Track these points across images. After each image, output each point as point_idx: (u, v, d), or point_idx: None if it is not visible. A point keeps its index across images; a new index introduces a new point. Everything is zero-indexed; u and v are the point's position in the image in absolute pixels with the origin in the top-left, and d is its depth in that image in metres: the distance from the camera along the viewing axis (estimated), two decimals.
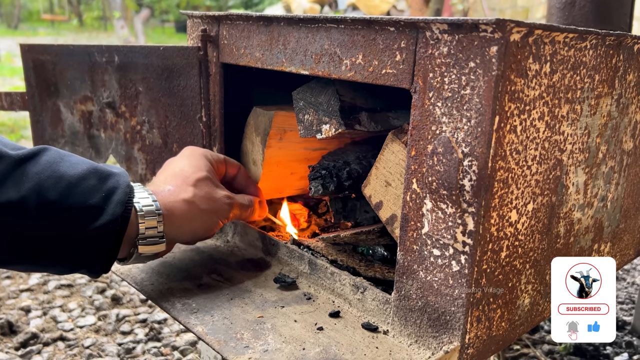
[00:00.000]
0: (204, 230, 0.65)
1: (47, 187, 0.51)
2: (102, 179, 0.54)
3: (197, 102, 0.78)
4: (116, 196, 0.54)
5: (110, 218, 0.53)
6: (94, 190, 0.53)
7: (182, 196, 0.61)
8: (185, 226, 0.62)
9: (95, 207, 0.52)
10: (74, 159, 0.55)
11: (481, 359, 0.56)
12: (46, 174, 0.51)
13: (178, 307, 0.62)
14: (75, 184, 0.52)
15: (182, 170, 0.65)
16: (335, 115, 0.67)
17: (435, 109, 0.50)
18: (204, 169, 0.66)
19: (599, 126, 0.63)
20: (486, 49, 0.45)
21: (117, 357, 1.19)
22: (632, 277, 1.64)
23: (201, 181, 0.64)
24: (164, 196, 0.60)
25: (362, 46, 0.56)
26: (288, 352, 0.54)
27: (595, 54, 0.58)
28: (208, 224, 0.64)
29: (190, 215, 0.62)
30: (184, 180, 0.63)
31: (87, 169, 0.54)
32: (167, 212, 0.59)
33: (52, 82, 0.98)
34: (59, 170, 0.52)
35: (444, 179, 0.49)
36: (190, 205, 0.61)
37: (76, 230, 0.52)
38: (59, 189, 0.51)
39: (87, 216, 0.52)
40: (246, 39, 0.70)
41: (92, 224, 0.52)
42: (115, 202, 0.54)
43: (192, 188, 0.63)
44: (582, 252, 0.69)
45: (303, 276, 0.69)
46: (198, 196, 0.62)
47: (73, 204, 0.51)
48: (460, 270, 0.51)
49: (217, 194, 0.65)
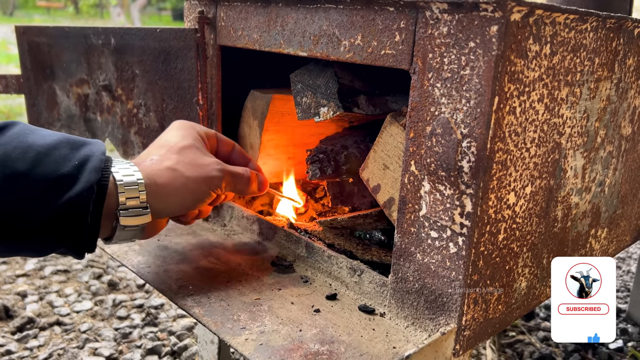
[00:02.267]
0: (193, 199, 0.60)
1: (13, 157, 0.47)
2: (75, 147, 0.51)
3: (194, 85, 0.77)
4: (90, 163, 0.50)
5: (85, 186, 0.49)
6: (65, 159, 0.49)
7: (165, 164, 0.58)
8: (171, 196, 0.57)
9: (68, 175, 0.49)
10: (45, 132, 0.52)
11: (478, 341, 0.56)
12: (13, 144, 0.48)
13: (175, 289, 0.62)
14: (45, 153, 0.49)
15: (167, 140, 0.61)
16: (334, 97, 0.66)
17: (435, 90, 0.50)
18: (189, 137, 0.62)
19: (598, 110, 0.63)
20: (486, 28, 0.45)
21: (114, 341, 1.20)
22: (627, 266, 1.65)
23: (186, 148, 0.60)
24: (146, 166, 0.57)
25: (361, 27, 0.55)
26: (285, 333, 0.54)
27: (595, 37, 0.57)
28: (196, 193, 0.59)
29: (175, 183, 0.57)
30: (169, 149, 0.60)
31: (58, 138, 0.51)
32: (150, 180, 0.55)
33: (48, 65, 0.97)
34: (27, 141, 0.49)
35: (442, 160, 0.49)
36: (175, 173, 0.57)
37: (48, 201, 0.48)
38: (27, 159, 0.48)
39: (59, 186, 0.48)
40: (244, 21, 0.69)
41: (66, 194, 0.48)
42: (90, 169, 0.50)
43: (175, 156, 0.59)
44: (579, 236, 0.69)
45: (300, 259, 0.69)
46: (182, 163, 0.58)
47: (43, 173, 0.48)
48: (457, 252, 0.51)
49: (205, 161, 0.61)
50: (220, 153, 0.68)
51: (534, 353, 1.18)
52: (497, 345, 1.21)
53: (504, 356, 1.18)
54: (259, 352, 0.51)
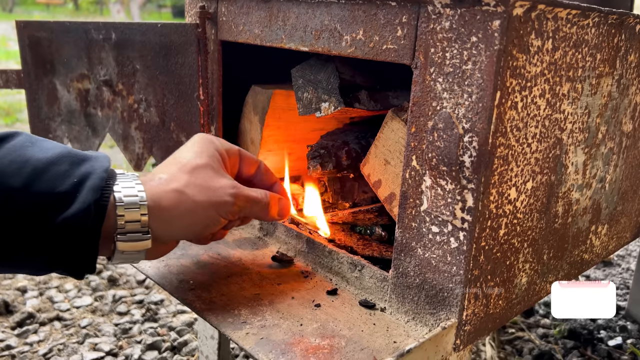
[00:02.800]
0: (200, 226, 0.55)
1: (8, 172, 0.44)
2: (75, 163, 0.48)
3: (195, 81, 0.77)
4: (89, 182, 0.47)
5: (82, 206, 0.45)
6: (64, 176, 0.46)
7: (172, 185, 0.52)
8: (175, 221, 0.52)
9: (64, 194, 0.45)
10: (48, 144, 0.49)
11: (478, 336, 0.56)
12: (9, 158, 0.45)
13: (175, 284, 0.62)
14: (43, 169, 0.46)
15: (180, 157, 0.56)
16: (335, 93, 0.66)
17: (436, 85, 0.50)
18: (205, 155, 0.56)
19: (599, 106, 0.63)
20: (488, 23, 0.45)
21: (114, 337, 1.20)
22: (627, 263, 1.65)
23: (199, 168, 0.55)
24: (152, 186, 0.52)
25: (362, 21, 0.55)
26: (286, 327, 0.54)
27: (597, 32, 0.57)
28: (204, 219, 0.54)
29: (181, 207, 0.52)
30: (180, 168, 0.54)
31: (59, 153, 0.48)
32: (153, 203, 0.50)
33: (48, 60, 0.97)
34: (25, 155, 0.46)
35: (444, 155, 0.49)
36: (182, 196, 0.52)
37: (43, 221, 0.45)
38: (23, 174, 0.45)
39: (55, 205, 0.45)
40: (245, 16, 0.69)
41: (61, 214, 0.45)
42: (88, 188, 0.46)
43: (186, 176, 0.53)
44: (580, 233, 0.69)
45: (301, 255, 0.69)
46: (192, 185, 0.53)
47: (39, 191, 0.45)
48: (458, 247, 0.51)
49: (217, 183, 0.55)
50: (243, 172, 0.63)
51: (534, 350, 1.18)
52: (496, 342, 1.21)
53: (503, 353, 1.18)
54: (260, 346, 0.51)
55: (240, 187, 0.57)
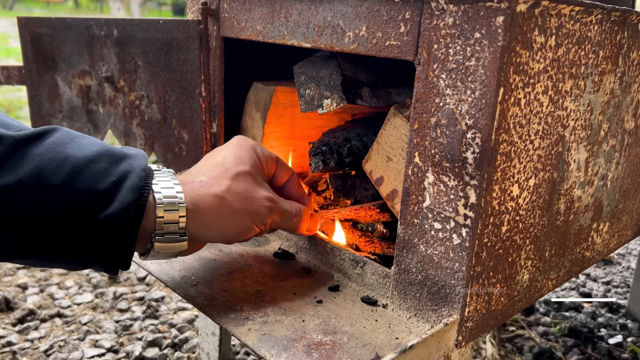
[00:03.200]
0: (235, 233, 0.56)
1: (49, 169, 0.45)
2: (114, 161, 0.48)
3: (197, 77, 0.77)
4: (129, 181, 0.47)
5: (121, 206, 0.46)
6: (103, 175, 0.47)
7: (214, 190, 0.53)
8: (213, 225, 0.54)
9: (104, 193, 0.46)
10: (85, 140, 0.49)
11: (480, 332, 0.56)
12: (49, 155, 0.46)
13: (177, 280, 0.62)
14: (82, 167, 0.46)
15: (223, 160, 0.57)
16: (337, 89, 0.66)
17: (439, 81, 0.49)
18: (247, 162, 0.57)
19: (602, 103, 0.63)
20: (492, 19, 0.45)
21: (115, 333, 1.20)
22: (627, 262, 1.65)
23: (241, 175, 0.56)
24: (193, 188, 0.53)
25: (365, 18, 0.55)
26: (288, 323, 0.54)
27: (600, 30, 0.57)
28: (239, 226, 0.55)
29: (220, 213, 0.53)
30: (222, 173, 0.55)
31: (97, 150, 0.48)
32: (193, 206, 0.51)
33: (50, 56, 0.97)
34: (65, 152, 0.46)
35: (446, 152, 0.49)
36: (222, 202, 0.53)
37: (82, 219, 0.46)
38: (63, 172, 0.45)
39: (94, 203, 0.46)
40: (247, 12, 0.69)
41: (101, 213, 0.46)
42: (127, 187, 0.47)
43: (228, 182, 0.54)
44: (582, 230, 0.69)
45: (302, 251, 0.69)
46: (233, 192, 0.54)
47: (79, 189, 0.45)
48: (461, 244, 0.51)
49: (257, 194, 0.56)
50: (276, 180, 0.64)
51: (534, 348, 1.18)
52: (497, 340, 1.21)
53: (503, 350, 1.18)
54: (262, 342, 0.51)
55: (277, 201, 0.58)
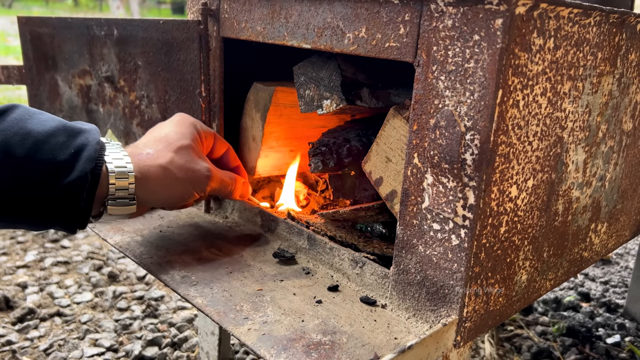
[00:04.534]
0: (178, 198, 0.64)
1: (13, 143, 0.50)
2: (71, 135, 0.54)
3: (197, 77, 0.77)
4: (85, 152, 0.54)
5: (80, 174, 0.53)
6: (62, 147, 0.53)
7: (159, 161, 0.61)
8: (158, 191, 0.62)
9: (64, 163, 0.52)
10: (44, 116, 0.55)
11: (478, 332, 0.56)
12: (13, 130, 0.51)
13: (177, 279, 0.62)
14: (43, 140, 0.52)
15: (166, 135, 0.64)
16: (337, 90, 0.66)
17: (439, 83, 0.50)
18: (189, 137, 0.65)
19: (600, 105, 0.63)
20: (491, 21, 0.45)
21: (114, 332, 1.20)
22: (625, 262, 1.65)
23: (183, 149, 0.63)
24: (140, 159, 0.60)
25: (365, 19, 0.55)
26: (287, 323, 0.54)
27: (598, 32, 0.57)
28: (182, 193, 0.64)
29: (165, 181, 0.61)
30: (166, 146, 0.63)
31: (56, 126, 0.54)
32: (141, 175, 0.59)
33: (50, 56, 0.97)
34: (26, 127, 0.52)
35: (445, 153, 0.49)
36: (166, 172, 0.61)
37: (45, 187, 0.52)
38: (26, 145, 0.51)
39: (56, 173, 0.52)
40: (247, 12, 0.69)
41: (62, 180, 0.52)
42: (85, 158, 0.53)
43: (171, 154, 0.62)
44: (580, 231, 0.70)
45: (302, 251, 0.69)
46: (176, 164, 0.62)
47: (41, 160, 0.51)
48: (459, 244, 0.51)
49: (197, 165, 0.64)
50: (214, 152, 0.72)
51: (532, 347, 1.18)
52: (495, 339, 1.21)
53: (502, 350, 1.19)
54: (262, 341, 0.51)
55: (214, 171, 0.67)
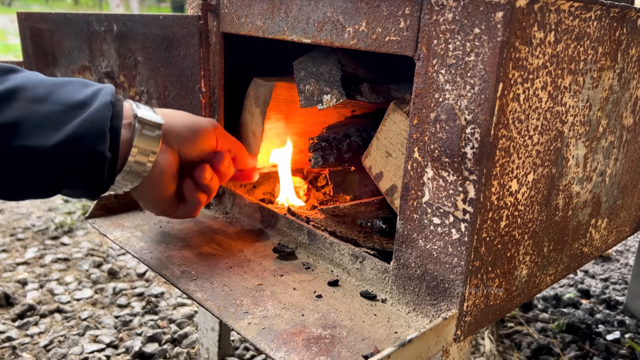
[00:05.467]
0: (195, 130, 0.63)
1: (31, 83, 0.52)
2: (85, 84, 0.55)
3: (197, 73, 0.77)
4: (104, 90, 0.55)
5: (100, 106, 0.53)
6: (79, 90, 0.54)
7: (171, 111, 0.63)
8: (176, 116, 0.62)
9: (84, 100, 0.53)
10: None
11: (479, 327, 0.56)
12: (29, 77, 0.53)
13: (177, 274, 0.62)
14: (60, 84, 0.54)
15: None
16: (337, 85, 0.66)
17: (439, 76, 0.50)
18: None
19: (601, 100, 0.63)
20: (492, 14, 0.45)
21: (114, 329, 1.20)
22: (625, 259, 1.65)
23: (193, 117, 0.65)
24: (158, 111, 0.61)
25: (365, 13, 0.55)
26: (287, 317, 0.54)
27: (599, 26, 0.57)
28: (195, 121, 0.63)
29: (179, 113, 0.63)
30: None
31: (68, 78, 0.56)
32: (160, 112, 0.61)
33: (50, 51, 0.97)
34: (40, 77, 0.54)
35: (446, 147, 0.49)
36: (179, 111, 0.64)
37: (68, 118, 0.51)
38: (45, 87, 0.52)
39: (77, 107, 0.52)
40: (247, 7, 0.69)
41: (85, 111, 0.52)
42: (103, 93, 0.54)
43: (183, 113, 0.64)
44: (580, 226, 0.70)
45: (302, 246, 0.69)
46: (185, 113, 0.64)
47: (62, 97, 0.52)
48: (460, 238, 0.51)
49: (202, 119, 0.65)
50: None
51: (532, 344, 1.18)
52: (495, 336, 1.21)
53: (502, 346, 1.19)
54: (262, 335, 0.51)
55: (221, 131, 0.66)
